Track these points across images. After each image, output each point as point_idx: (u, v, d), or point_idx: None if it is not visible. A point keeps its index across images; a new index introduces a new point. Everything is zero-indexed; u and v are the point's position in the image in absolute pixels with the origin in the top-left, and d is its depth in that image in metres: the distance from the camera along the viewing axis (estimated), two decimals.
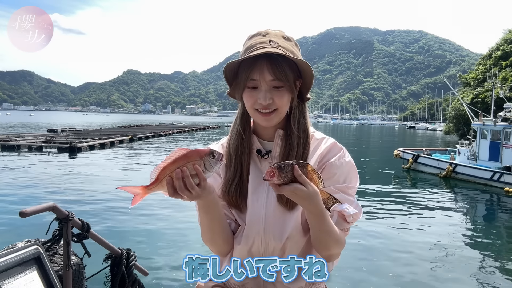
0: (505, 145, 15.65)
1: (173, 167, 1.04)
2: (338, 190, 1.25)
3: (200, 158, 1.05)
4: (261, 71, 1.18)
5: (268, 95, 1.20)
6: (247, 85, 1.22)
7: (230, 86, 1.30)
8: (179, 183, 1.04)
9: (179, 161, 1.04)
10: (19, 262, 1.52)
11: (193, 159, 1.05)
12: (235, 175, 1.30)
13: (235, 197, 1.29)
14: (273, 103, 1.21)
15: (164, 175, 1.05)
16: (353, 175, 1.30)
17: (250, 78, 1.20)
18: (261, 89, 1.20)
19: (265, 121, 1.25)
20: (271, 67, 1.18)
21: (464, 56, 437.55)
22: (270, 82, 1.19)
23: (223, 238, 1.27)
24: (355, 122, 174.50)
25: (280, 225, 1.27)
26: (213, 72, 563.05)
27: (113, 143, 27.86)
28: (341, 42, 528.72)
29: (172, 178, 1.04)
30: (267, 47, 1.17)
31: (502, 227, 10.26)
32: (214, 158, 1.05)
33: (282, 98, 1.22)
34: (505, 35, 46.72)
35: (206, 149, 1.07)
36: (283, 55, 1.16)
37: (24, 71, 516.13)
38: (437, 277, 6.26)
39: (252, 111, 1.25)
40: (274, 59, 1.18)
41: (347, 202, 1.23)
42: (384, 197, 12.58)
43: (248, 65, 1.20)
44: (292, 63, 1.22)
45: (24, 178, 13.79)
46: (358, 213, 1.25)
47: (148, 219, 8.89)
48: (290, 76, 1.21)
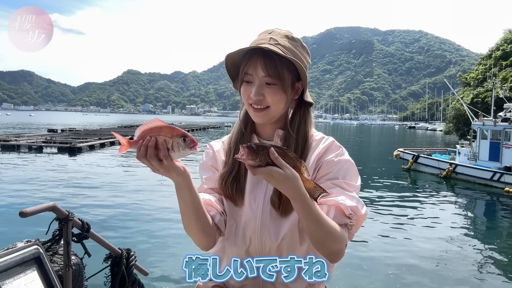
0: (505, 145, 15.66)
1: (148, 133, 1.05)
2: (335, 185, 1.22)
3: (170, 136, 1.04)
4: (255, 66, 1.20)
5: (259, 91, 1.21)
6: (243, 79, 1.25)
7: (232, 79, 1.33)
8: (144, 150, 1.04)
9: (153, 130, 1.05)
10: (19, 262, 1.52)
11: (164, 133, 1.04)
12: (233, 167, 1.31)
13: (232, 189, 1.29)
14: (264, 99, 1.22)
15: (141, 138, 1.05)
16: (352, 173, 1.27)
17: (245, 72, 1.23)
18: (254, 84, 1.22)
19: (257, 117, 1.26)
20: (264, 63, 1.19)
21: (464, 56, 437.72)
22: (263, 78, 1.21)
23: (200, 227, 1.21)
24: (355, 122, 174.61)
25: (277, 225, 1.26)
26: (213, 72, 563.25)
27: (113, 143, 27.86)
28: (341, 42, 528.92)
29: (142, 143, 1.05)
30: (264, 43, 1.18)
31: (502, 227, 10.26)
32: (185, 142, 1.04)
33: (274, 96, 1.22)
34: (505, 35, 46.75)
35: (181, 130, 1.05)
36: (274, 51, 1.16)
37: (24, 71, 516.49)
38: (437, 276, 6.26)
39: (247, 106, 1.28)
40: (269, 56, 1.19)
41: (345, 197, 1.19)
42: (384, 197, 12.58)
43: (246, 59, 1.23)
44: (290, 63, 1.21)
45: (24, 178, 13.79)
46: (357, 206, 1.19)
47: (148, 219, 8.89)
48: (285, 75, 1.21)
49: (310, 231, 1.14)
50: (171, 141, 1.04)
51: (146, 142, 1.03)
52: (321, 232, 1.13)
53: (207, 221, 1.23)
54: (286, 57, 1.18)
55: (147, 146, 1.03)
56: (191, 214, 1.19)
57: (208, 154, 1.42)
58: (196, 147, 1.05)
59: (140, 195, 11.27)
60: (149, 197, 11.01)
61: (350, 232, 1.24)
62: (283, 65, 1.20)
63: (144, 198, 10.86)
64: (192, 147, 1.04)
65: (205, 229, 1.23)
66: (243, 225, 1.29)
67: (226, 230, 1.32)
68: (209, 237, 1.25)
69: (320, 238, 1.14)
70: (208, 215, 1.24)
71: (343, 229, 1.19)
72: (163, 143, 1.03)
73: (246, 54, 1.24)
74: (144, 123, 1.06)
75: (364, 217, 1.26)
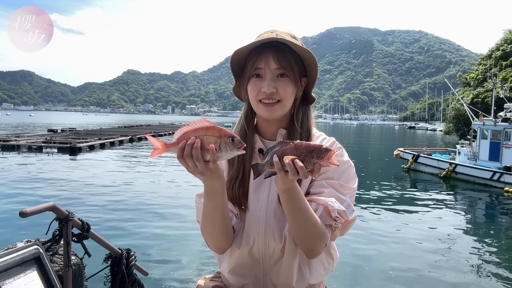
0: (505, 145, 15.66)
1: (192, 134, 1.03)
2: (329, 185, 1.22)
3: (218, 136, 1.02)
4: (267, 59, 1.22)
5: (272, 84, 1.22)
6: (252, 74, 1.25)
7: (236, 78, 1.33)
8: (188, 149, 1.01)
9: (198, 130, 1.03)
10: (19, 262, 1.51)
11: (211, 133, 1.02)
12: (238, 172, 1.30)
13: (238, 194, 1.29)
14: (277, 93, 1.23)
15: (182, 139, 1.03)
16: (349, 175, 1.27)
17: (255, 66, 1.23)
18: (266, 78, 1.23)
19: (267, 111, 1.25)
20: (276, 56, 1.22)
21: (464, 56, 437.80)
22: (275, 71, 1.23)
23: (223, 231, 1.24)
24: (355, 122, 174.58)
25: (281, 225, 1.26)
26: (213, 72, 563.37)
27: (113, 143, 27.87)
28: (341, 42, 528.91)
29: (185, 143, 1.02)
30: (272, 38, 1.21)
31: (501, 227, 10.26)
32: (233, 142, 1.02)
33: (286, 89, 1.23)
34: (505, 35, 46.75)
35: (228, 130, 1.04)
36: (288, 43, 1.20)
37: (24, 71, 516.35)
38: (436, 276, 6.26)
39: (255, 103, 1.26)
40: (280, 48, 1.22)
41: (336, 199, 1.20)
42: (384, 197, 12.57)
43: (255, 55, 1.24)
44: (298, 57, 1.24)
45: (24, 178, 13.79)
46: (345, 211, 1.19)
47: (148, 219, 8.89)
48: (295, 67, 1.24)
49: (296, 219, 1.14)
50: (218, 141, 1.02)
51: (192, 141, 1.01)
52: (307, 222, 1.14)
53: (230, 225, 1.26)
54: (304, 48, 1.21)
55: (193, 146, 1.01)
56: (217, 219, 1.20)
57: None
58: (243, 147, 1.04)
59: (140, 195, 11.26)
60: (149, 197, 11.01)
61: (333, 233, 1.25)
62: (292, 57, 1.23)
63: (144, 198, 10.86)
64: (239, 148, 1.03)
65: (227, 232, 1.25)
66: (247, 226, 1.29)
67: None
68: (228, 240, 1.27)
69: (306, 229, 1.15)
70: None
71: (326, 229, 1.20)
72: (212, 145, 1.01)
73: (253, 49, 1.25)
74: (187, 124, 1.04)
75: (352, 222, 1.26)
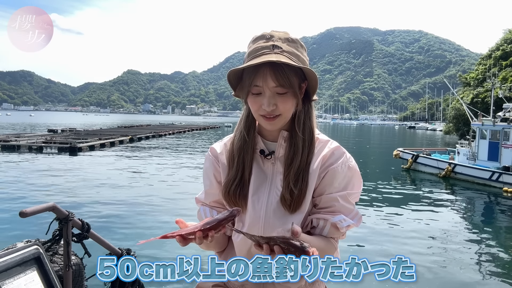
0: (504, 145, 15.66)
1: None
2: (339, 197, 1.26)
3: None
4: (265, 78, 1.17)
5: (271, 101, 1.19)
6: (251, 91, 1.21)
7: (234, 89, 1.29)
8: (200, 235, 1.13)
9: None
10: (19, 262, 1.52)
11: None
12: (237, 175, 1.29)
13: (235, 197, 1.28)
14: (277, 108, 1.20)
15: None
16: (356, 180, 1.29)
17: (253, 84, 1.19)
18: (265, 95, 1.19)
19: (269, 125, 1.24)
20: (274, 74, 1.16)
21: (464, 56, 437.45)
22: (274, 89, 1.18)
23: (217, 248, 1.38)
24: (355, 122, 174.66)
25: (280, 227, 1.25)
26: (213, 72, 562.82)
27: (113, 143, 27.87)
28: (341, 42, 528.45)
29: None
30: (270, 54, 1.16)
31: (500, 227, 10.27)
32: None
33: (286, 104, 1.21)
34: (505, 35, 46.70)
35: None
36: (286, 63, 1.15)
37: (24, 71, 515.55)
38: (436, 276, 6.26)
39: (257, 116, 1.25)
40: (278, 65, 1.16)
41: (346, 211, 1.25)
42: (383, 197, 12.58)
43: (252, 71, 1.18)
44: (297, 68, 1.20)
45: (24, 178, 13.79)
46: (354, 224, 1.26)
47: (148, 219, 8.90)
48: (294, 81, 1.20)
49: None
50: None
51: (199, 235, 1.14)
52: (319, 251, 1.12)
53: (225, 241, 1.39)
54: (300, 67, 1.18)
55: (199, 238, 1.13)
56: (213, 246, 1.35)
57: (208, 159, 1.40)
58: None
59: (140, 195, 11.27)
60: (149, 197, 11.01)
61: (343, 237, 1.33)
62: (291, 72, 1.18)
63: (145, 198, 10.87)
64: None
65: (222, 245, 1.39)
66: (247, 228, 1.29)
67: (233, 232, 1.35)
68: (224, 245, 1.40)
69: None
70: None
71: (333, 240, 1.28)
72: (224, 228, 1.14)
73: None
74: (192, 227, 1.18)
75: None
